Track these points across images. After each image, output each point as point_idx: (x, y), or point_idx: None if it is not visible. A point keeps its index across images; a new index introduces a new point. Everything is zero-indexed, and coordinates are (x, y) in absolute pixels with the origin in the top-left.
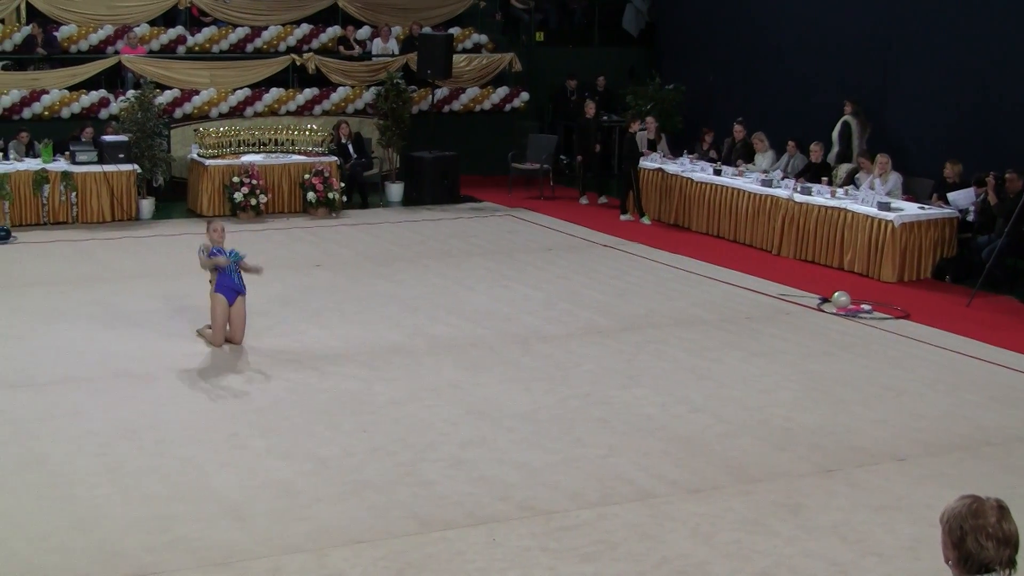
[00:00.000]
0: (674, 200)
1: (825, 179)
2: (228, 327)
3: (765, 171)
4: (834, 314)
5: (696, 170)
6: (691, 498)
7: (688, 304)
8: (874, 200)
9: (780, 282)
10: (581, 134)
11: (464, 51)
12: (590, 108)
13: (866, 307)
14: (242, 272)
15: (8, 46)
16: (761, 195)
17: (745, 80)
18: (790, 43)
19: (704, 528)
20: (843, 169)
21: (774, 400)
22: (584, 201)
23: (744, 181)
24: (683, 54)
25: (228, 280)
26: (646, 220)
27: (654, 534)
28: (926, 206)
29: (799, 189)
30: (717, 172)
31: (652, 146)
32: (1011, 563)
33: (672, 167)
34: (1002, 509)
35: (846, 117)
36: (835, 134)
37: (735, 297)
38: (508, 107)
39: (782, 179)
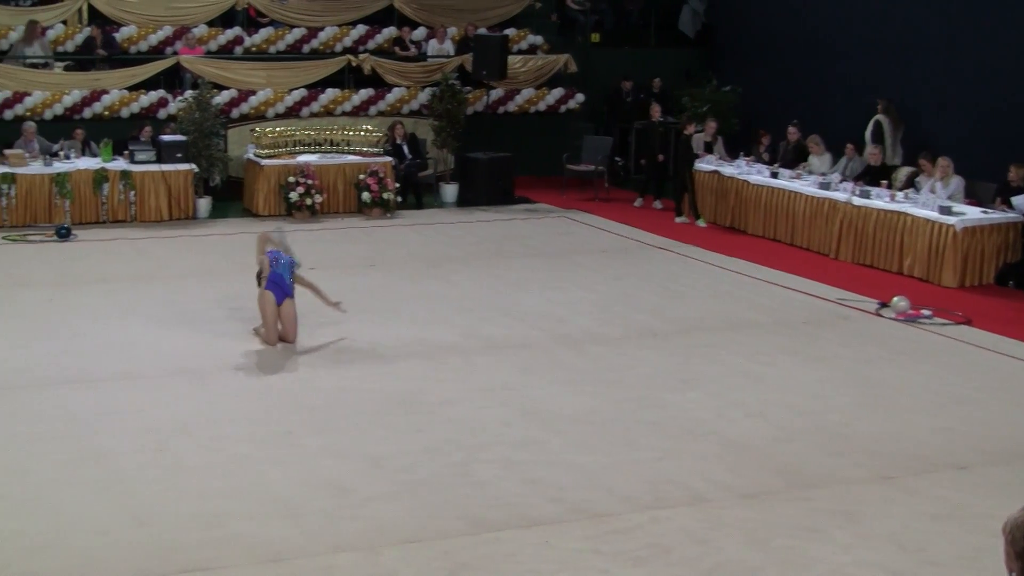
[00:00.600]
0: (730, 202)
1: (884, 182)
2: (280, 326)
3: (823, 173)
4: (893, 319)
5: (752, 172)
6: (745, 503)
7: (743, 308)
8: (935, 204)
9: (837, 286)
10: (644, 136)
11: (519, 52)
12: (655, 110)
13: (926, 312)
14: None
15: (70, 47)
16: (819, 198)
17: (803, 82)
18: (848, 44)
19: (758, 534)
20: (903, 172)
21: (830, 406)
22: (639, 203)
23: (801, 184)
24: (740, 55)
25: (279, 279)
26: (701, 223)
27: (707, 539)
28: (989, 210)
29: (858, 192)
30: (774, 175)
31: (709, 148)
32: None
33: (728, 169)
34: None
35: (878, 116)
36: (868, 133)
37: (791, 301)
38: (563, 108)
39: (840, 182)
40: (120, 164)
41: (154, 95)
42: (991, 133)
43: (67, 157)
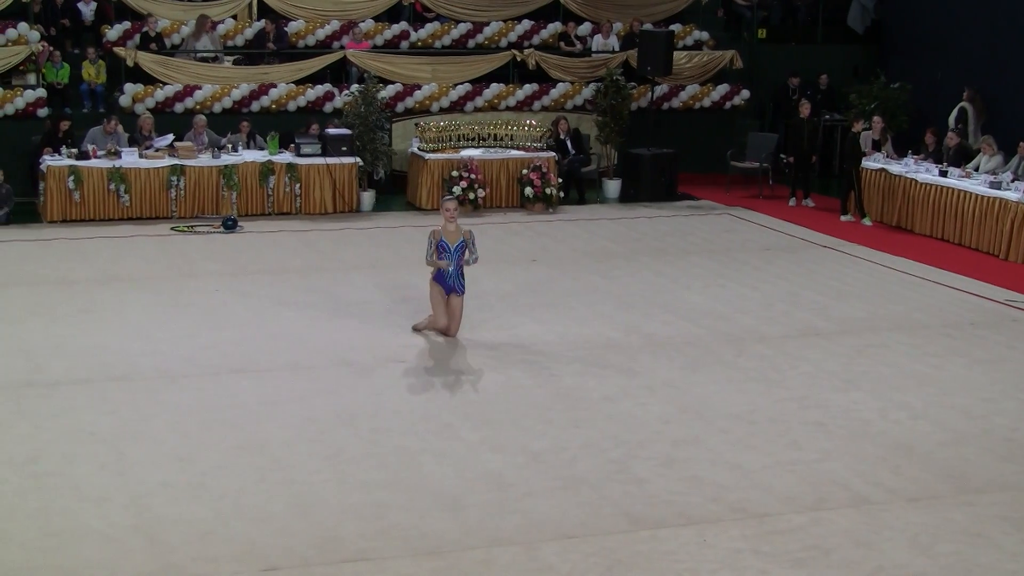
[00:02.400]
0: (897, 201)
1: None
2: (446, 318)
3: (994, 173)
4: None
5: (920, 171)
6: (909, 507)
7: (910, 308)
8: None
9: (1007, 287)
10: (793, 134)
11: (685, 48)
12: (805, 108)
13: None
14: (462, 268)
15: (239, 41)
16: (989, 197)
17: (976, 80)
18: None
19: (923, 538)
20: None
21: (999, 409)
22: (792, 203)
23: (971, 183)
24: (910, 52)
25: (445, 281)
26: (867, 221)
27: (870, 542)
28: None
29: None
30: (943, 173)
31: (876, 146)
32: None
33: (896, 168)
34: None
35: (963, 103)
36: (951, 119)
37: (959, 302)
38: (728, 105)
39: (1012, 181)
40: (286, 157)
41: (320, 89)
42: None
43: (234, 150)
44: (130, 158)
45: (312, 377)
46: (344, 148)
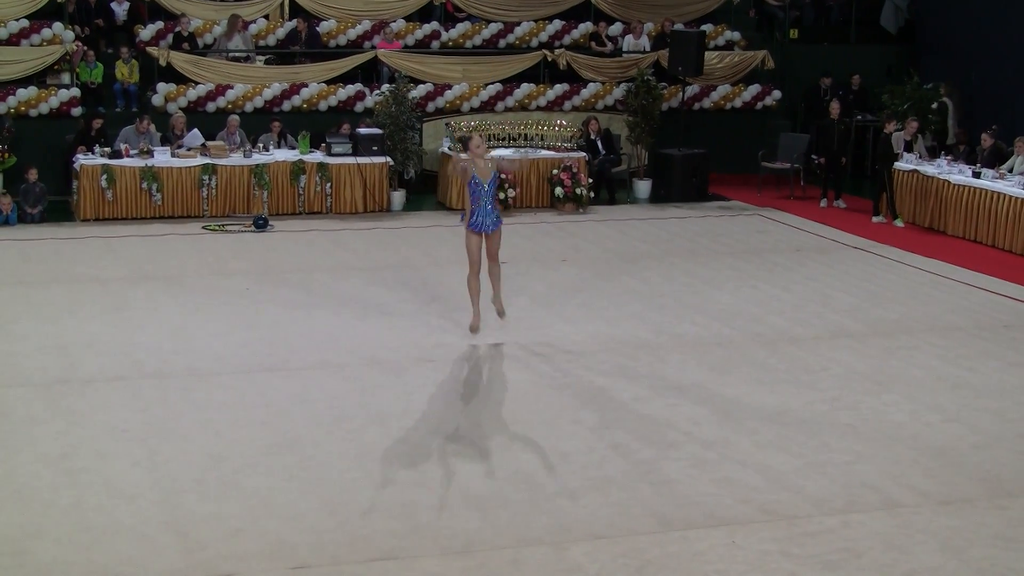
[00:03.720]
0: (929, 202)
1: None
2: (484, 257)
3: None
4: None
5: (954, 172)
6: (942, 510)
7: (942, 310)
8: None
9: None
10: (823, 135)
11: (716, 48)
12: (835, 108)
13: None
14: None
15: (271, 41)
16: (1022, 199)
17: (1009, 80)
18: None
19: (955, 542)
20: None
21: None
22: (823, 204)
23: (1005, 184)
24: (944, 52)
25: (480, 221)
26: (899, 222)
27: (901, 545)
28: None
29: None
30: (976, 175)
31: (909, 147)
32: None
33: (929, 169)
34: None
35: (943, 98)
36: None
37: (993, 304)
38: (759, 105)
39: None
40: (317, 156)
41: (352, 89)
42: None
43: (265, 149)
44: (162, 157)
45: (343, 376)
46: (375, 148)
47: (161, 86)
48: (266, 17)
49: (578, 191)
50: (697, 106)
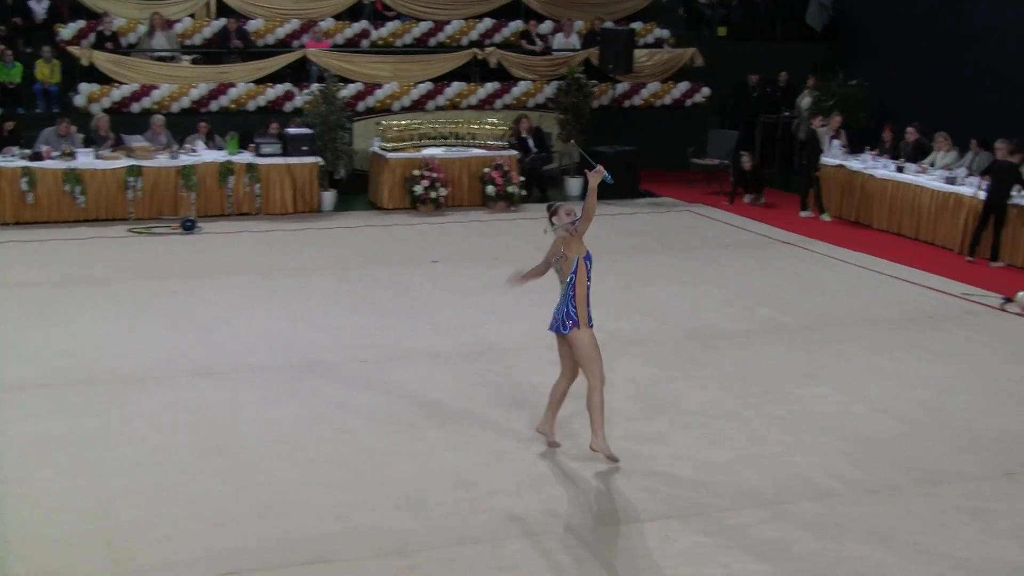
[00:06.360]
0: (855, 197)
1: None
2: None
3: (949, 168)
4: (1018, 314)
5: (878, 167)
6: (870, 498)
7: (869, 302)
8: None
9: (964, 282)
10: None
11: (646, 46)
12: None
13: None
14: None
15: (198, 40)
16: (944, 193)
17: (932, 76)
18: (983, 38)
19: (882, 529)
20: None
21: (957, 402)
22: (747, 200)
23: (927, 178)
24: (868, 49)
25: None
26: (826, 217)
27: (830, 534)
28: None
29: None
30: (900, 169)
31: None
32: None
33: (854, 164)
34: None
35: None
36: None
37: (917, 296)
38: (689, 102)
39: (967, 176)
40: (246, 157)
41: (280, 88)
42: None
43: (192, 150)
44: (86, 159)
45: (275, 378)
46: (305, 148)
47: (84, 86)
48: (192, 16)
49: (509, 189)
50: (627, 103)
